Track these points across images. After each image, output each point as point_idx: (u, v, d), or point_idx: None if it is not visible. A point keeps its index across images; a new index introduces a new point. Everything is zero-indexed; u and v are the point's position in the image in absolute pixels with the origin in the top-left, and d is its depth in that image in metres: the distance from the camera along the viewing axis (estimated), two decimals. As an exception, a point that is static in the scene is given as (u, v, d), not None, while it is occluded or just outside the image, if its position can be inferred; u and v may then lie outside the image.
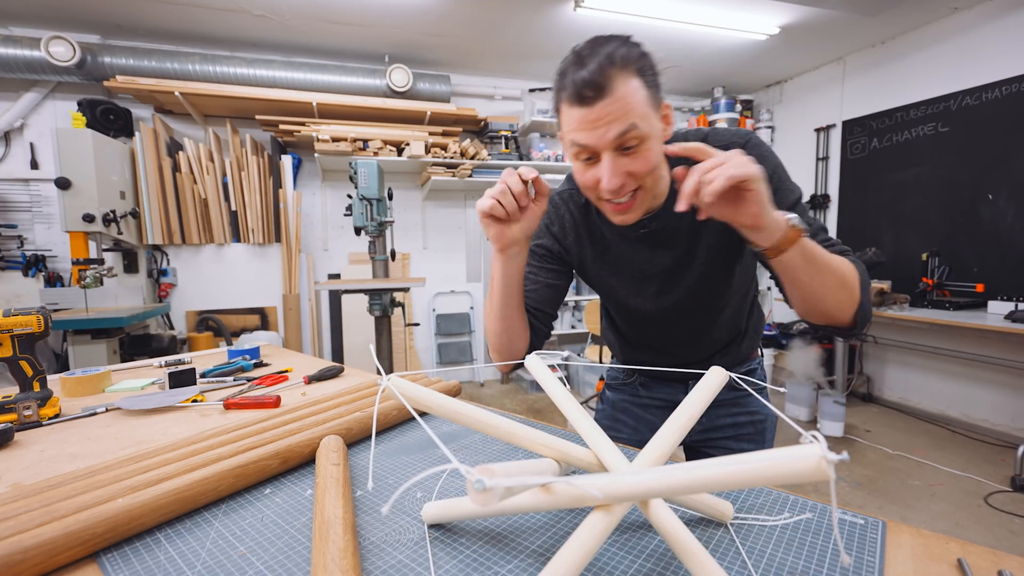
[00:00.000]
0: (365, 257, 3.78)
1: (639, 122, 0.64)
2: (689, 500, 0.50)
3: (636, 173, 0.68)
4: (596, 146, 0.65)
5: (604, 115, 0.63)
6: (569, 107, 0.65)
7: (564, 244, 0.89)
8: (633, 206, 0.71)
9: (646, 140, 0.66)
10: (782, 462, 0.29)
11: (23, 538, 0.44)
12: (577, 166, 0.71)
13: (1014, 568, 0.43)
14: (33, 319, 0.87)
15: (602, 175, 0.67)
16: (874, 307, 3.02)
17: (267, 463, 0.62)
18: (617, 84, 0.62)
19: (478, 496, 0.30)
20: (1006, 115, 2.87)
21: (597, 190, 0.70)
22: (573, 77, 0.63)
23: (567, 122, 0.67)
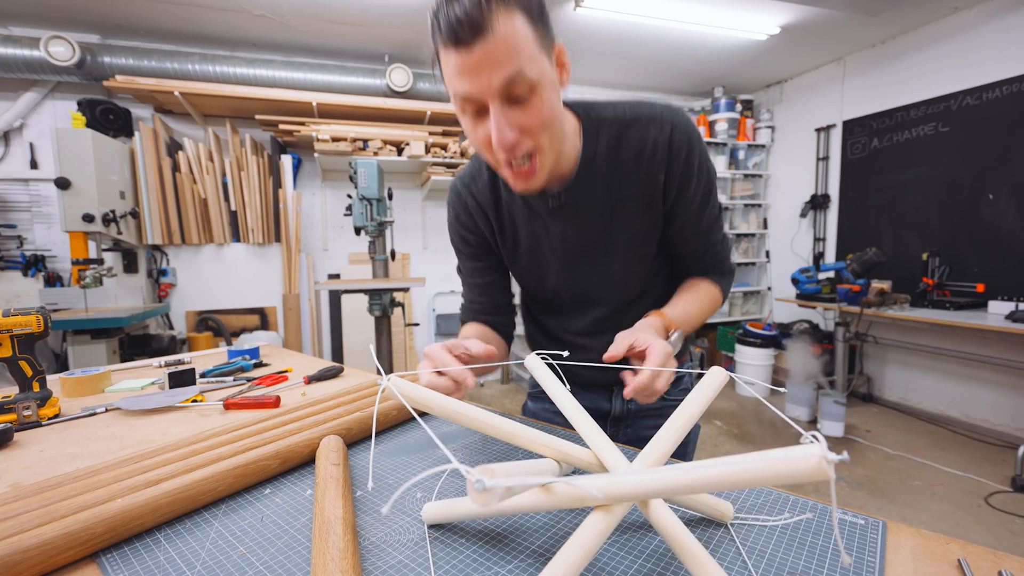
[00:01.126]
0: (365, 257, 3.78)
1: (527, 66, 0.55)
2: (689, 500, 0.50)
3: (529, 127, 0.59)
4: (480, 95, 0.57)
5: (485, 58, 0.54)
6: (445, 50, 0.56)
7: (476, 232, 0.82)
8: (534, 170, 0.63)
9: (537, 88, 0.57)
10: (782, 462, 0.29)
11: (23, 538, 0.44)
12: (466, 123, 0.62)
13: (1014, 568, 0.43)
14: (33, 319, 0.87)
15: (493, 132, 0.58)
16: (874, 307, 3.02)
17: (267, 463, 0.62)
18: (498, 21, 0.53)
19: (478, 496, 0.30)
20: (1006, 115, 2.87)
21: (490, 150, 0.62)
22: (447, 16, 0.53)
23: (446, 69, 0.58)
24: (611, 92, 4.39)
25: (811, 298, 3.49)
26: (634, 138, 0.70)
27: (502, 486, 0.30)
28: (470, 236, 0.83)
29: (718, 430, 3.11)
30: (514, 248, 0.82)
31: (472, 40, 0.53)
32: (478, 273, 0.85)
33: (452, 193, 0.83)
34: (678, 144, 0.69)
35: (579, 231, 0.76)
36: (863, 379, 3.69)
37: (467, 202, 0.81)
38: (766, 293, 4.53)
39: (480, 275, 0.85)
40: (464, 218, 0.82)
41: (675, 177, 0.71)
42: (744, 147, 4.33)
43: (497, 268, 0.87)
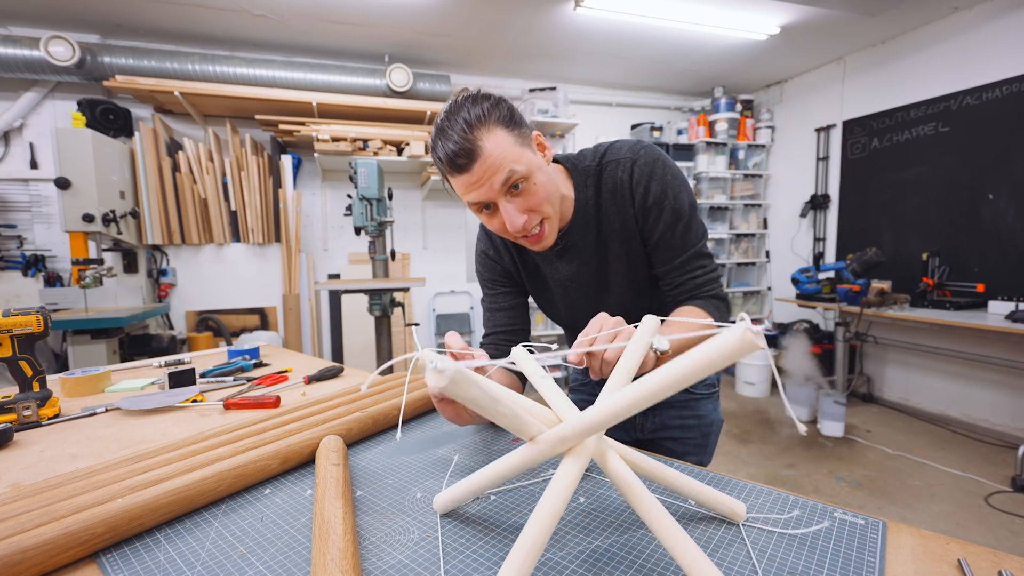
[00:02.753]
0: (365, 257, 3.78)
1: (515, 166, 0.69)
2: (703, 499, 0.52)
3: (533, 207, 0.73)
4: (488, 199, 0.71)
5: (483, 173, 0.68)
6: (452, 176, 0.71)
7: (503, 264, 0.95)
8: (544, 234, 0.77)
9: (529, 177, 0.71)
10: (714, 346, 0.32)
11: (23, 538, 0.44)
12: (482, 218, 0.77)
13: (1014, 568, 0.43)
14: (33, 319, 0.87)
15: (508, 220, 0.72)
16: (874, 307, 3.02)
17: (267, 463, 0.62)
18: (483, 143, 0.67)
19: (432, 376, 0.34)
20: (1006, 115, 2.87)
21: (506, 233, 0.76)
22: (444, 152, 0.68)
23: (456, 188, 0.73)
24: (611, 92, 4.39)
25: (811, 298, 3.49)
26: (608, 179, 0.83)
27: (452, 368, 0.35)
28: (498, 267, 0.95)
29: (718, 430, 3.11)
30: (540, 285, 0.95)
31: (468, 164, 0.68)
32: (503, 298, 0.95)
33: (481, 231, 0.96)
34: (639, 176, 0.80)
35: (581, 268, 0.88)
36: (863, 379, 3.69)
37: (495, 240, 0.94)
38: (766, 293, 4.53)
39: (505, 299, 0.95)
40: (492, 253, 0.95)
41: (641, 205, 0.81)
42: (744, 147, 4.33)
43: (520, 294, 0.97)
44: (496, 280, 0.95)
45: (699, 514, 0.54)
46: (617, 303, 0.90)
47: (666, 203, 0.79)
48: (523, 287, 0.98)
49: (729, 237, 4.37)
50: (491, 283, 0.95)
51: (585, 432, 0.43)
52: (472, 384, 0.37)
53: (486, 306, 0.97)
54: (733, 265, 4.41)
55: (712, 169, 4.21)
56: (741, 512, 0.52)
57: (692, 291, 0.84)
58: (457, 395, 0.37)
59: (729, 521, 0.53)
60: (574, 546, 0.49)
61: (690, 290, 0.84)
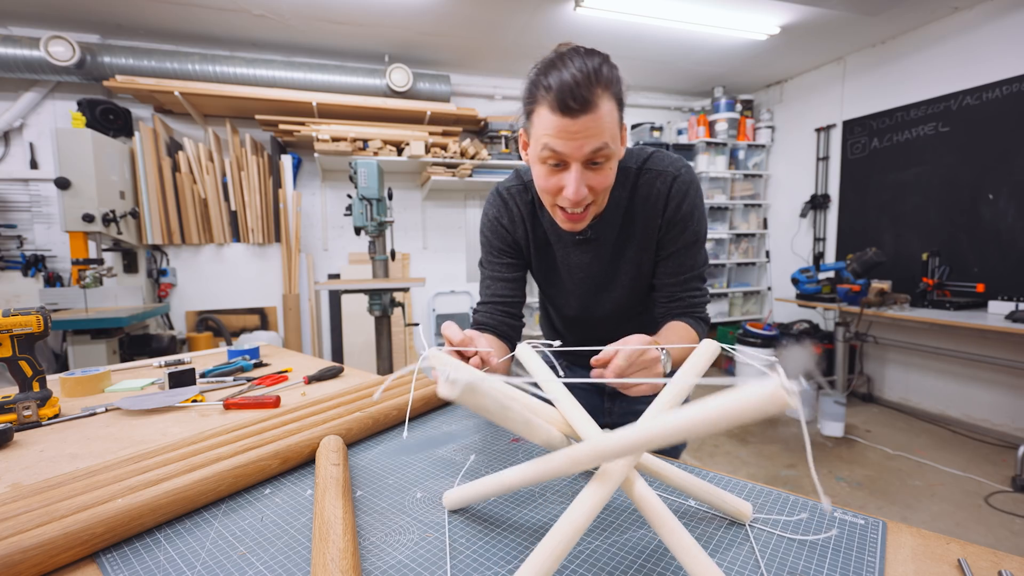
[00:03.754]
0: (365, 257, 3.78)
1: (611, 142, 0.68)
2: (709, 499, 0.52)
3: (596, 188, 0.72)
4: (570, 156, 0.68)
5: (584, 129, 0.65)
6: (550, 112, 0.66)
7: (515, 236, 0.93)
8: (585, 217, 0.77)
9: (611, 159, 0.71)
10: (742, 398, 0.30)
11: (23, 538, 0.44)
12: (541, 170, 0.73)
13: (1014, 568, 0.43)
14: (33, 319, 0.87)
15: (567, 184, 0.70)
16: (874, 307, 3.02)
17: (267, 463, 0.62)
18: (601, 102, 0.65)
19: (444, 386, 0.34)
20: (1006, 115, 2.87)
21: (556, 196, 0.74)
22: (560, 82, 0.64)
23: (544, 125, 0.68)
24: (611, 92, 4.38)
25: (811, 298, 3.49)
26: (645, 187, 0.84)
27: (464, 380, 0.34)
28: (508, 237, 0.93)
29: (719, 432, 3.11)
30: (546, 264, 0.95)
31: (579, 112, 0.64)
32: (507, 268, 0.93)
33: (497, 198, 0.93)
34: (676, 191, 0.83)
35: (594, 261, 0.89)
36: (863, 379, 3.69)
37: (512, 210, 0.91)
38: (766, 293, 4.53)
39: (508, 270, 0.93)
40: (506, 221, 0.92)
41: (670, 218, 0.84)
42: (744, 147, 4.33)
43: (523, 267, 0.96)
44: (504, 250, 0.93)
45: (707, 514, 0.54)
46: (613, 301, 0.93)
47: (691, 223, 0.84)
48: (527, 261, 0.96)
49: (729, 237, 4.37)
50: (498, 251, 0.93)
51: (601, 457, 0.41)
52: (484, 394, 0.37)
53: (487, 273, 0.95)
54: (733, 265, 4.41)
55: (712, 169, 4.21)
56: (747, 512, 0.52)
57: (686, 309, 0.89)
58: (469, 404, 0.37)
59: (734, 521, 0.53)
60: (574, 546, 0.49)
61: (685, 307, 0.89)
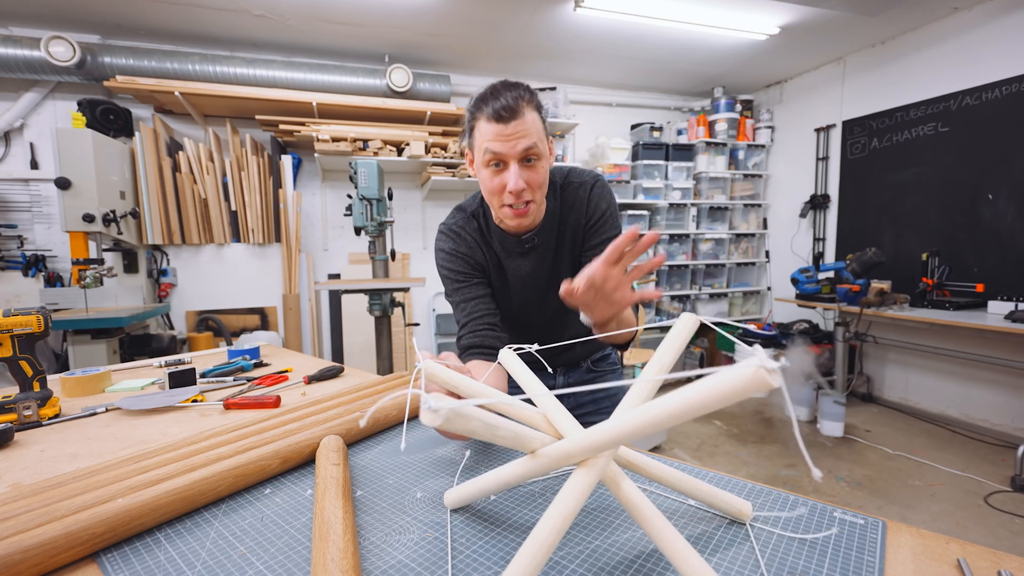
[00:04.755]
0: (365, 257, 3.78)
1: (538, 143, 0.85)
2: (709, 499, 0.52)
3: (532, 183, 0.87)
4: (507, 155, 0.84)
5: (515, 131, 0.83)
6: (487, 123, 0.83)
7: (475, 258, 1.04)
8: (528, 212, 0.90)
9: (541, 158, 0.88)
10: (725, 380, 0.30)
11: (23, 538, 0.44)
12: (486, 174, 0.88)
13: (1014, 568, 0.43)
14: (33, 319, 0.87)
15: (509, 178, 0.85)
16: (874, 307, 3.02)
17: (267, 463, 0.62)
18: (525, 112, 0.83)
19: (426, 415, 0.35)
20: (1006, 115, 2.87)
21: (502, 194, 0.88)
22: (494, 102, 0.82)
23: (483, 135, 0.85)
24: (611, 92, 4.39)
25: (811, 298, 3.49)
26: (570, 196, 1.00)
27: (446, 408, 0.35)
28: (470, 261, 1.03)
29: (718, 430, 3.11)
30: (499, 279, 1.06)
31: (509, 118, 0.82)
32: (478, 287, 1.02)
33: (447, 233, 1.05)
34: (595, 196, 1.00)
35: (539, 267, 1.03)
36: (863, 379, 3.69)
37: (465, 238, 1.04)
38: (766, 293, 4.53)
39: (480, 288, 1.03)
40: (464, 248, 1.03)
41: (590, 217, 1.00)
42: (744, 147, 4.33)
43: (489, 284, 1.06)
44: (469, 273, 1.02)
45: (706, 514, 0.54)
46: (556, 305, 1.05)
47: (608, 219, 1.00)
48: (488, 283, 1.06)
49: (729, 237, 4.37)
50: (464, 276, 1.02)
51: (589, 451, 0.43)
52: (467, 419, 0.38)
53: (460, 298, 1.01)
54: (733, 265, 4.41)
55: (712, 169, 4.21)
56: (748, 512, 0.52)
57: None
58: (454, 430, 0.38)
59: (734, 520, 0.53)
60: (574, 546, 0.49)
61: None
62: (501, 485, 0.51)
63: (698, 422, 3.24)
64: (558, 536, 0.39)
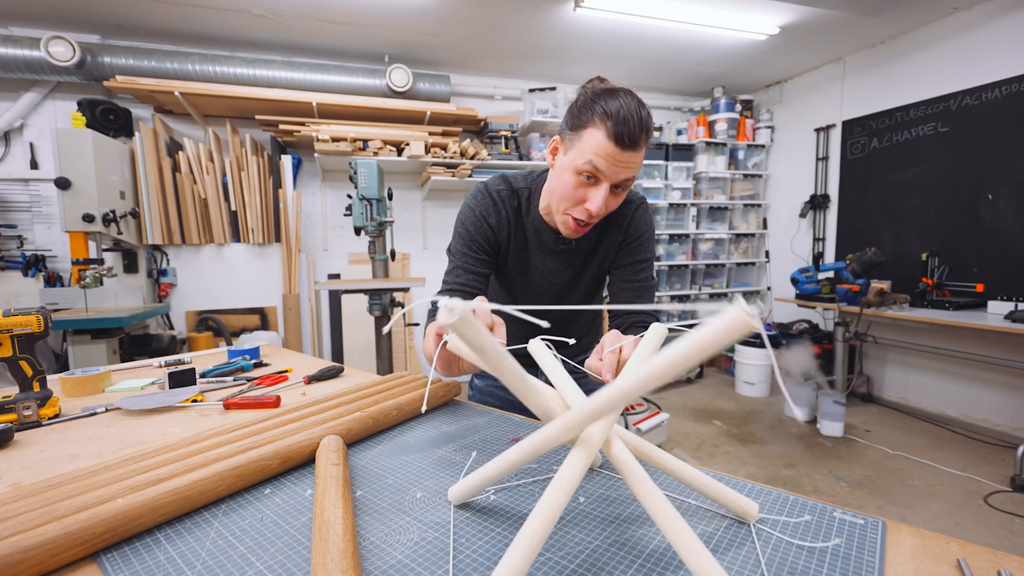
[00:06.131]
0: (365, 257, 3.78)
1: (635, 176, 0.85)
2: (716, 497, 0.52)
3: (610, 208, 0.87)
4: (608, 177, 0.82)
5: (627, 161, 0.81)
6: (606, 138, 0.79)
7: (497, 236, 1.00)
8: (586, 230, 0.91)
9: (628, 190, 0.88)
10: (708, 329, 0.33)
11: (23, 538, 0.44)
12: (573, 180, 0.85)
13: (1014, 568, 0.43)
14: (33, 319, 0.87)
15: (593, 199, 0.84)
16: (874, 307, 3.02)
17: (267, 463, 0.62)
18: (643, 144, 0.81)
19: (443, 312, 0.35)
20: (1006, 115, 2.87)
21: (575, 206, 0.87)
22: (620, 116, 0.78)
23: (594, 145, 0.80)
24: (611, 92, 4.38)
25: (811, 298, 3.49)
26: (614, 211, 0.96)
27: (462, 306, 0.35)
28: (491, 236, 0.99)
29: (718, 430, 3.11)
30: (519, 266, 1.04)
31: (628, 147, 0.79)
32: (480, 264, 0.99)
33: (486, 197, 0.99)
34: (637, 219, 1.02)
35: (565, 269, 1.03)
36: (863, 379, 3.69)
37: (500, 211, 0.99)
38: (766, 293, 4.53)
39: (481, 266, 0.99)
40: (492, 221, 0.99)
41: (628, 239, 1.02)
42: (744, 147, 4.33)
43: (491, 267, 1.02)
44: (482, 246, 0.98)
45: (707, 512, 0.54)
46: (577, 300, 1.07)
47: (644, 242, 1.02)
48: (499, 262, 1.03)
49: (729, 237, 4.37)
50: (476, 247, 0.98)
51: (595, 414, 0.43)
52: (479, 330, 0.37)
53: (458, 263, 0.98)
54: (733, 265, 4.41)
55: (712, 169, 4.21)
56: (753, 512, 0.52)
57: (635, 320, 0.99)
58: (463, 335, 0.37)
59: (740, 520, 0.53)
60: (574, 546, 0.49)
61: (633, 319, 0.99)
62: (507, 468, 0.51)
63: (698, 422, 3.24)
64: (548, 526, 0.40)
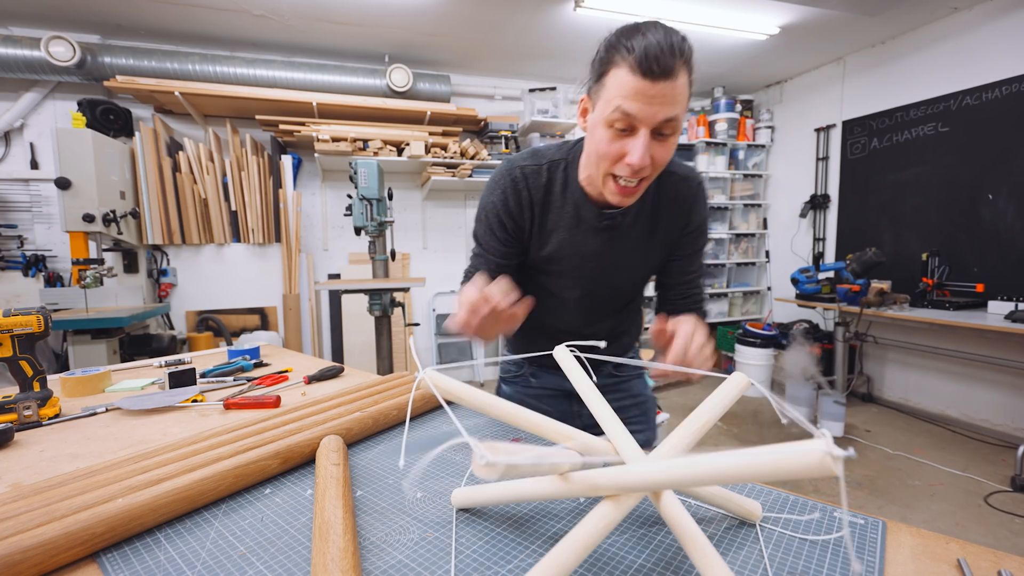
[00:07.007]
0: (365, 257, 3.78)
1: (680, 114, 0.67)
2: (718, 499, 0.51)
3: (657, 160, 0.70)
4: (643, 120, 0.66)
5: (661, 95, 0.64)
6: (630, 74, 0.64)
7: (519, 221, 0.87)
8: (637, 192, 0.74)
9: (676, 133, 0.69)
10: (786, 457, 0.29)
11: (23, 538, 0.44)
12: (606, 134, 0.70)
13: (1014, 568, 0.43)
14: (33, 319, 0.87)
15: (633, 150, 0.68)
16: (874, 307, 3.02)
17: (267, 463, 0.62)
18: (680, 73, 0.64)
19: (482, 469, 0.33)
20: (1006, 115, 2.87)
21: (615, 164, 0.71)
22: (645, 46, 0.63)
23: (619, 86, 0.66)
24: (611, 92, 4.38)
25: (811, 298, 3.49)
26: (671, 188, 0.87)
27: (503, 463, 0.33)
28: (511, 222, 0.87)
29: (718, 430, 3.11)
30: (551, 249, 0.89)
31: (660, 77, 0.63)
32: (503, 255, 0.89)
33: (507, 177, 0.86)
34: (700, 199, 0.89)
35: (612, 250, 0.88)
36: (863, 379, 3.69)
37: (522, 192, 0.85)
38: (766, 293, 4.53)
39: (505, 257, 0.89)
40: (513, 204, 0.86)
41: (690, 222, 0.89)
42: (744, 147, 4.33)
43: (518, 255, 0.90)
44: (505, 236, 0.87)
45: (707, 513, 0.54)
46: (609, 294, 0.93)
47: (705, 227, 0.92)
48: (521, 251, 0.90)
49: (729, 237, 4.37)
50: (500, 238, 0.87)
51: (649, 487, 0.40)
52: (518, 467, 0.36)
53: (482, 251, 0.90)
54: (733, 265, 4.41)
55: (712, 169, 4.21)
56: (757, 512, 0.52)
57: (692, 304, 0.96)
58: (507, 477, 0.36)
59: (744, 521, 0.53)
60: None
61: (695, 301, 0.96)
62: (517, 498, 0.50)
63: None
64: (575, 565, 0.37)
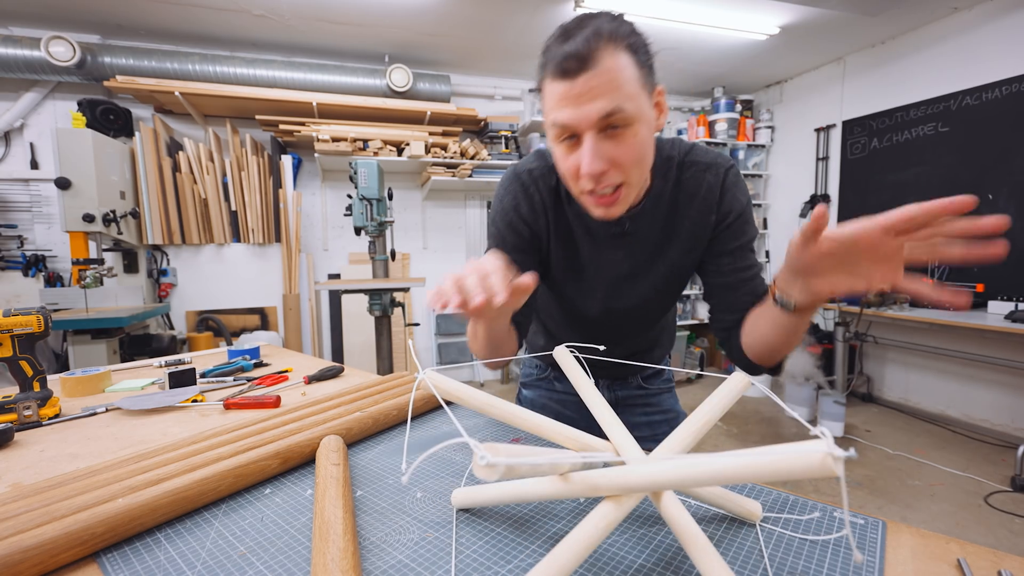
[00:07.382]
0: (365, 257, 3.78)
1: (625, 102, 0.57)
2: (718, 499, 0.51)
3: (620, 161, 0.60)
4: (577, 125, 0.59)
5: (588, 90, 0.56)
6: (552, 82, 0.59)
7: (535, 228, 0.79)
8: (617, 200, 0.65)
9: (633, 123, 0.59)
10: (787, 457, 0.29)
11: (23, 538, 0.44)
12: (558, 151, 0.64)
13: (1014, 568, 0.43)
14: (33, 319, 0.87)
15: (582, 161, 0.59)
16: (874, 307, 3.02)
17: (267, 463, 0.62)
18: (603, 57, 0.56)
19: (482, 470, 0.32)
20: (1006, 115, 2.87)
21: (577, 179, 0.63)
22: (557, 50, 0.58)
23: (549, 99, 0.61)
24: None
25: (811, 298, 3.49)
26: (691, 181, 0.75)
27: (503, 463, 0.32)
28: (525, 229, 0.79)
29: (718, 430, 3.11)
30: (567, 260, 0.81)
31: (577, 72, 0.56)
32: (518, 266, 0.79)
33: (516, 182, 0.79)
34: (730, 184, 0.75)
35: (630, 258, 0.79)
36: (863, 379, 3.69)
37: (533, 196, 0.78)
38: (766, 293, 4.53)
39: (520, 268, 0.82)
40: (525, 210, 0.78)
41: (726, 213, 0.75)
42: (744, 147, 4.33)
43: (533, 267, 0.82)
44: (518, 244, 0.79)
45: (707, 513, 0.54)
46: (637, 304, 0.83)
47: (746, 215, 0.76)
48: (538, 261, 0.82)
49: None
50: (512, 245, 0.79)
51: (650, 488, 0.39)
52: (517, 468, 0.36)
53: None
54: (733, 265, 4.41)
55: (712, 169, 4.21)
56: (757, 512, 0.51)
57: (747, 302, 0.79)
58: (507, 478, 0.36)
59: (744, 521, 0.53)
60: (574, 546, 0.49)
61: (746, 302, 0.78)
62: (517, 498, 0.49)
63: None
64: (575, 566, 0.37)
